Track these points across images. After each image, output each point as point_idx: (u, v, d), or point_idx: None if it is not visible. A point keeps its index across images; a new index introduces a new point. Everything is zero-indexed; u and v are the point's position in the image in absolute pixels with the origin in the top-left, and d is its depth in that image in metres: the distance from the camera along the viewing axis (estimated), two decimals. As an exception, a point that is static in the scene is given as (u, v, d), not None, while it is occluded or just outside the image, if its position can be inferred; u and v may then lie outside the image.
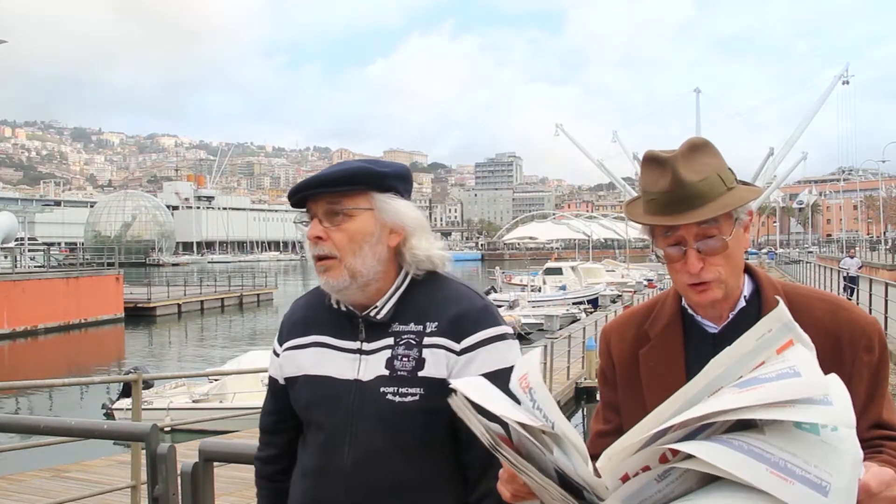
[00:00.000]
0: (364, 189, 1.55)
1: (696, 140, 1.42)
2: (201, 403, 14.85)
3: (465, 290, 1.60)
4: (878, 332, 1.38)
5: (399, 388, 1.50)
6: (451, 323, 1.53)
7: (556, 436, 1.08)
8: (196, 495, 2.41)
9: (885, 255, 39.73)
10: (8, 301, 29.11)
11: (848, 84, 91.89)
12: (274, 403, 1.73)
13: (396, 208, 1.56)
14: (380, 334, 1.56)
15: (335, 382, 1.56)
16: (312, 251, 1.55)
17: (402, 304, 1.57)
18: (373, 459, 1.51)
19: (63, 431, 3.53)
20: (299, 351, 1.63)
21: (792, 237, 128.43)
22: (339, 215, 1.53)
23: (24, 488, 6.69)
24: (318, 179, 1.55)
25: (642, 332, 1.52)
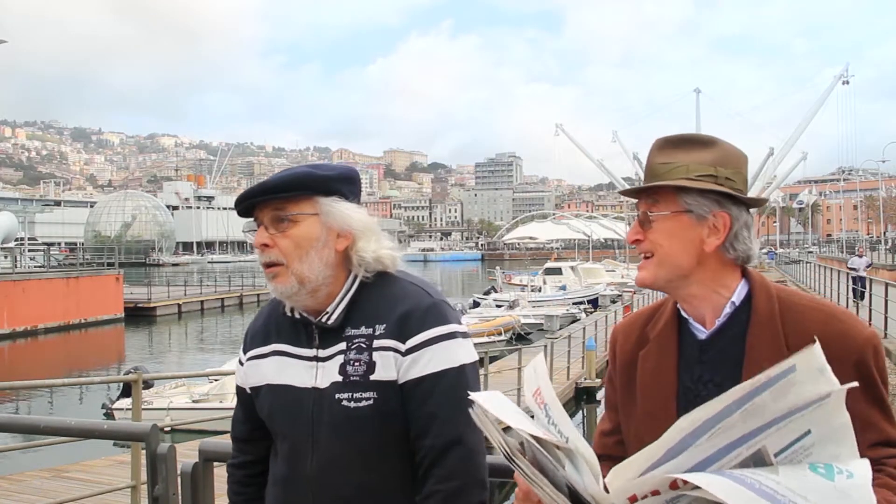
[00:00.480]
0: (309, 194, 1.54)
1: (694, 135, 1.45)
2: (201, 403, 14.83)
3: (412, 289, 1.57)
4: (873, 346, 1.32)
5: (353, 393, 1.50)
6: (397, 323, 1.51)
7: (570, 451, 1.08)
8: (196, 495, 2.41)
9: (886, 255, 39.73)
10: (8, 301, 29.10)
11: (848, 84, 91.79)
12: (244, 412, 1.73)
13: (342, 212, 1.55)
14: (333, 340, 1.55)
15: (294, 391, 1.56)
16: (260, 259, 1.55)
17: (352, 308, 1.56)
18: (335, 466, 1.51)
19: (63, 431, 3.52)
20: (261, 360, 1.64)
21: (792, 237, 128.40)
22: (284, 221, 1.53)
23: (25, 488, 6.69)
24: (262, 187, 1.55)
25: (644, 334, 1.52)
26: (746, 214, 1.42)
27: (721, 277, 1.41)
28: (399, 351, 1.50)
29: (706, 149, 1.42)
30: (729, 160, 1.42)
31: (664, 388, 1.42)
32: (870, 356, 1.31)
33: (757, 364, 1.31)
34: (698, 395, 1.39)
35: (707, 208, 1.38)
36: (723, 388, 1.34)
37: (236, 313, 42.29)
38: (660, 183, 1.40)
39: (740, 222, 1.40)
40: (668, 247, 1.40)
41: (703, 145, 1.43)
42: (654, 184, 1.41)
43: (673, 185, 1.39)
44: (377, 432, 1.50)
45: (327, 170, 1.59)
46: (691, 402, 1.37)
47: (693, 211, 1.38)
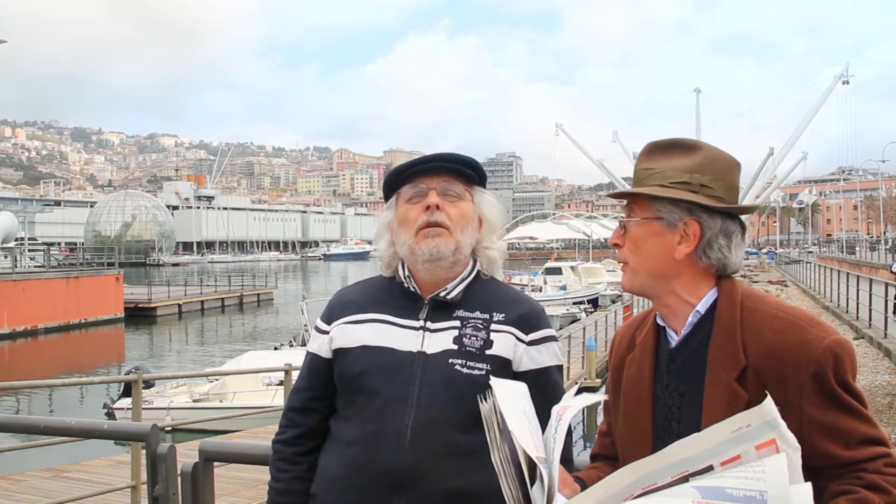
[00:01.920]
0: (474, 180, 1.74)
1: (680, 140, 1.45)
2: (201, 403, 14.84)
3: (524, 294, 1.82)
4: (833, 356, 1.26)
5: (468, 361, 1.60)
6: (519, 317, 1.67)
7: (543, 474, 1.11)
8: (196, 495, 2.41)
9: (885, 255, 39.69)
10: (8, 301, 29.08)
11: (848, 84, 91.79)
12: (310, 380, 1.74)
13: (490, 202, 1.75)
14: (444, 316, 1.66)
15: (396, 353, 1.63)
16: (425, 217, 1.65)
17: (467, 293, 1.69)
18: (433, 424, 1.56)
19: (63, 431, 3.53)
20: (355, 325, 1.69)
21: (792, 237, 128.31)
22: (452, 195, 1.69)
23: (24, 488, 6.69)
24: (447, 156, 1.71)
25: (633, 338, 1.54)
26: (725, 222, 1.38)
27: (694, 286, 1.40)
28: (521, 339, 1.65)
29: (688, 155, 1.41)
30: (710, 167, 1.39)
31: (641, 394, 1.44)
32: (829, 367, 1.25)
33: (716, 374, 1.31)
34: (666, 403, 1.39)
35: (677, 216, 1.38)
36: (685, 398, 1.37)
37: (236, 313, 42.27)
38: (631, 190, 1.43)
39: (713, 230, 1.37)
40: (640, 254, 1.41)
41: (686, 151, 1.42)
42: (625, 191, 1.45)
43: (646, 193, 1.40)
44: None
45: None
46: (661, 411, 1.40)
47: (664, 218, 1.38)
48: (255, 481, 6.81)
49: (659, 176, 1.40)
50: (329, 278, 78.90)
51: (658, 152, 1.43)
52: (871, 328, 15.63)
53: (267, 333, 33.37)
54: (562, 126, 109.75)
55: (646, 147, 1.46)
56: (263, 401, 13.32)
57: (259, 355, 17.22)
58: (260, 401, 13.44)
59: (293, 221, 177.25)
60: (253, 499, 6.45)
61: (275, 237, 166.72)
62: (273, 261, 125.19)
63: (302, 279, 76.89)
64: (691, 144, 1.43)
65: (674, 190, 1.38)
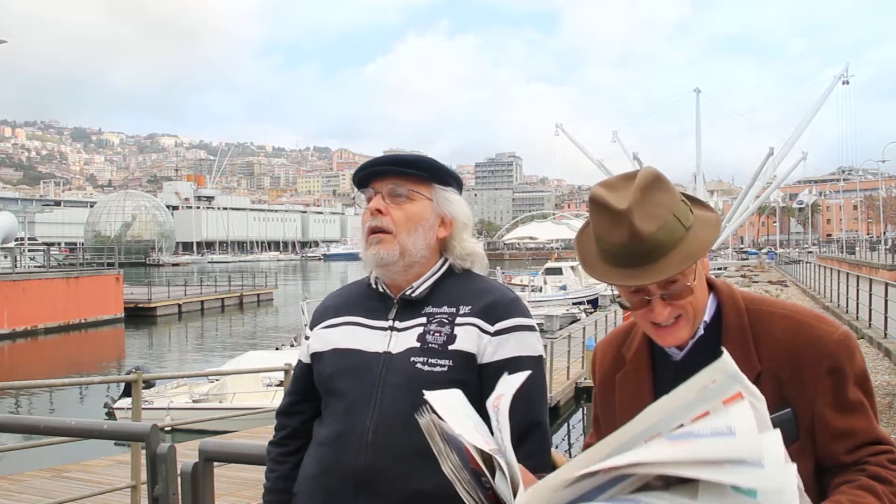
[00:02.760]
0: (427, 179, 1.68)
1: (647, 177, 1.31)
2: (201, 403, 14.86)
3: (496, 284, 1.75)
4: (846, 349, 1.29)
5: (429, 358, 1.58)
6: (485, 308, 1.62)
7: (501, 464, 1.10)
8: (196, 495, 2.41)
9: (885, 255, 39.69)
10: (8, 301, 29.10)
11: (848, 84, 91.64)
12: (294, 385, 1.79)
13: (451, 201, 1.70)
14: (412, 314, 1.65)
15: (363, 354, 1.63)
16: (369, 223, 1.66)
17: (436, 289, 1.67)
18: (395, 425, 1.54)
19: (63, 431, 3.52)
20: (330, 329, 1.71)
21: (792, 237, 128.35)
22: (401, 196, 1.66)
23: (25, 488, 6.69)
24: (393, 158, 1.68)
25: (620, 354, 1.52)
26: None
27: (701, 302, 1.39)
28: (486, 331, 1.59)
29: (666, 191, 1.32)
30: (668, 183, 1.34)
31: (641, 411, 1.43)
32: (843, 360, 1.28)
33: None
34: None
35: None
36: None
37: (236, 313, 42.28)
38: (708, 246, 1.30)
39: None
40: (696, 301, 1.35)
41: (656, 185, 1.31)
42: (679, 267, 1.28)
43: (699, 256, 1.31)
44: None
45: (443, 164, 1.74)
46: None
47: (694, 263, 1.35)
48: (255, 481, 6.81)
49: (676, 225, 1.30)
50: (329, 278, 78.89)
51: (643, 204, 1.28)
52: (871, 328, 15.63)
53: (267, 334, 33.39)
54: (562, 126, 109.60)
55: (630, 207, 1.27)
56: (263, 401, 13.32)
57: (259, 355, 17.24)
58: (260, 401, 13.44)
59: (293, 221, 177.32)
60: (253, 499, 6.45)
61: (275, 237, 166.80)
62: (273, 261, 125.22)
63: (302, 279, 76.89)
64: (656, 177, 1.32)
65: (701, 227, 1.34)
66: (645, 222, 1.27)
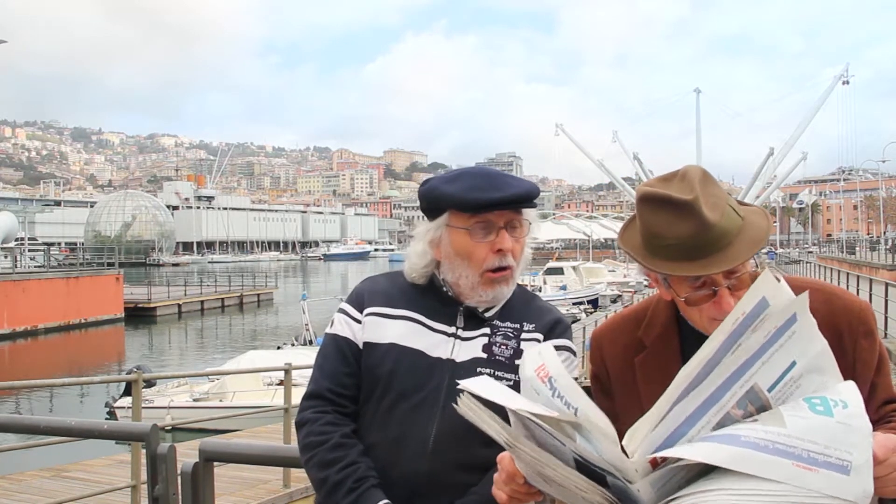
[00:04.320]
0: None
1: (699, 171, 1.33)
2: (202, 403, 14.86)
3: (555, 306, 1.82)
4: (871, 315, 1.40)
5: (496, 370, 1.56)
6: (548, 325, 1.66)
7: (578, 424, 1.09)
8: (196, 495, 2.41)
9: (885, 255, 39.69)
10: (8, 301, 29.09)
11: (848, 84, 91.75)
12: (347, 366, 1.62)
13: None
14: (477, 325, 1.62)
15: (426, 357, 1.58)
16: (497, 262, 1.57)
17: (503, 306, 1.67)
18: (457, 434, 1.50)
19: (63, 431, 3.52)
20: (386, 320, 1.62)
21: (792, 237, 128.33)
22: (518, 228, 1.61)
23: (25, 488, 6.69)
24: (524, 195, 1.58)
25: (636, 338, 1.50)
26: None
27: None
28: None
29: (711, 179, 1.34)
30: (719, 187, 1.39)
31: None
32: (872, 325, 1.38)
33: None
34: None
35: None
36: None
37: (236, 313, 42.28)
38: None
39: None
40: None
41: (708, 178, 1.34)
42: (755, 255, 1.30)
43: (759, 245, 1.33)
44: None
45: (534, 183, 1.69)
46: None
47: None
48: (256, 481, 6.81)
49: (733, 214, 1.31)
50: (329, 278, 78.91)
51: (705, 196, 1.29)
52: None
53: (267, 333, 33.39)
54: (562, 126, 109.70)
55: (696, 197, 1.28)
56: (263, 400, 13.33)
57: (259, 355, 17.23)
58: (260, 400, 13.45)
59: (293, 221, 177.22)
60: (253, 498, 6.45)
61: (275, 237, 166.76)
62: (273, 261, 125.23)
63: (302, 279, 76.86)
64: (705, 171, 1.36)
65: (754, 216, 1.37)
66: (711, 211, 1.27)
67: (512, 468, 1.20)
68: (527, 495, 1.23)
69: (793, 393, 1.07)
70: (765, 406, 1.06)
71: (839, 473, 0.97)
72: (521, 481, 1.20)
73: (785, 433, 0.99)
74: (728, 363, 1.06)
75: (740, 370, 1.07)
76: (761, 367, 1.07)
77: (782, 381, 1.07)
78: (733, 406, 1.06)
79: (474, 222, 1.57)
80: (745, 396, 1.06)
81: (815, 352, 1.09)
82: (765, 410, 1.06)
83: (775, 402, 1.06)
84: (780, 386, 1.07)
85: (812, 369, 1.08)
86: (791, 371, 1.07)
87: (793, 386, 1.07)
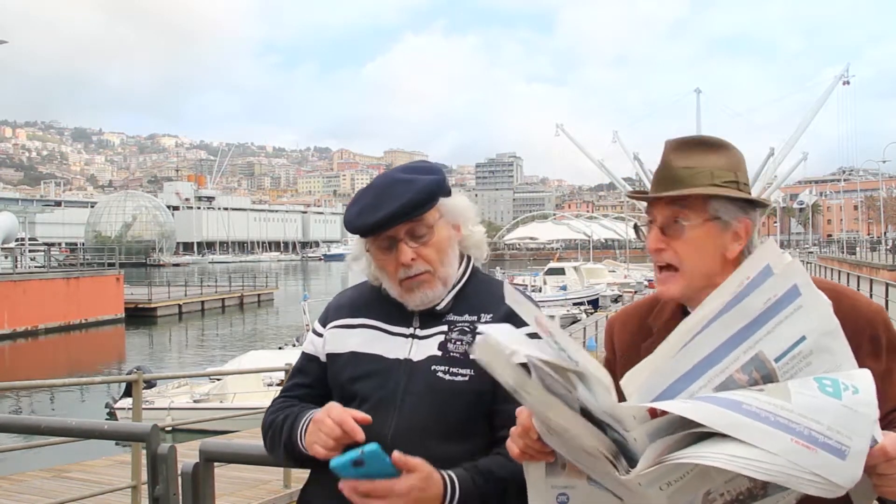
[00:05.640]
0: (436, 203, 1.61)
1: (706, 137, 1.43)
2: (202, 403, 14.86)
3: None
4: (882, 319, 1.37)
5: (450, 367, 1.57)
6: (507, 314, 1.58)
7: (581, 374, 1.10)
8: (196, 495, 2.41)
9: (886, 256, 39.68)
10: (8, 301, 29.10)
11: (848, 84, 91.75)
12: (301, 377, 1.73)
13: (455, 205, 1.65)
14: (434, 322, 1.63)
15: (383, 360, 1.61)
16: (404, 273, 1.59)
17: (458, 297, 1.66)
18: (414, 433, 1.54)
19: (63, 432, 3.53)
20: (346, 330, 1.68)
21: (792, 237, 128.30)
22: (422, 235, 1.59)
23: (25, 488, 6.70)
24: (401, 210, 1.55)
25: (645, 325, 1.54)
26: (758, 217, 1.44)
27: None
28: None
29: (723, 153, 1.42)
30: (741, 164, 1.43)
31: None
32: (880, 328, 1.36)
33: None
34: None
35: (733, 215, 1.39)
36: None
37: (237, 313, 42.29)
38: (695, 190, 1.37)
39: (756, 226, 1.42)
40: (696, 258, 1.39)
41: (719, 149, 1.42)
42: (689, 191, 1.37)
43: (702, 193, 1.37)
44: (466, 407, 1.55)
45: (437, 171, 1.65)
46: None
47: (721, 218, 1.38)
48: (256, 481, 6.82)
49: (707, 175, 1.38)
50: (329, 278, 78.93)
51: (694, 150, 1.41)
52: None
53: (267, 334, 33.40)
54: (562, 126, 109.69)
55: (673, 143, 1.44)
56: (264, 401, 13.30)
57: (259, 355, 17.25)
58: (260, 401, 13.43)
59: (294, 222, 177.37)
60: (253, 499, 6.46)
61: (275, 237, 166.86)
62: (273, 261, 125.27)
63: (302, 279, 76.88)
64: (722, 143, 1.44)
65: (729, 189, 1.39)
66: (678, 158, 1.40)
67: (528, 422, 1.23)
68: (539, 453, 1.24)
69: (802, 369, 1.07)
70: (771, 376, 1.06)
71: (835, 457, 0.97)
72: (534, 436, 1.22)
73: (789, 407, 0.99)
74: (728, 323, 1.07)
75: (742, 334, 1.07)
76: (766, 336, 1.07)
77: (789, 353, 1.07)
78: (737, 370, 1.06)
79: (375, 241, 1.61)
80: (749, 362, 1.06)
81: (825, 330, 1.09)
82: (771, 381, 1.06)
83: (782, 374, 1.06)
84: (786, 358, 1.07)
85: (823, 349, 1.08)
86: (800, 345, 1.07)
87: (802, 362, 1.07)
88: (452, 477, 1.43)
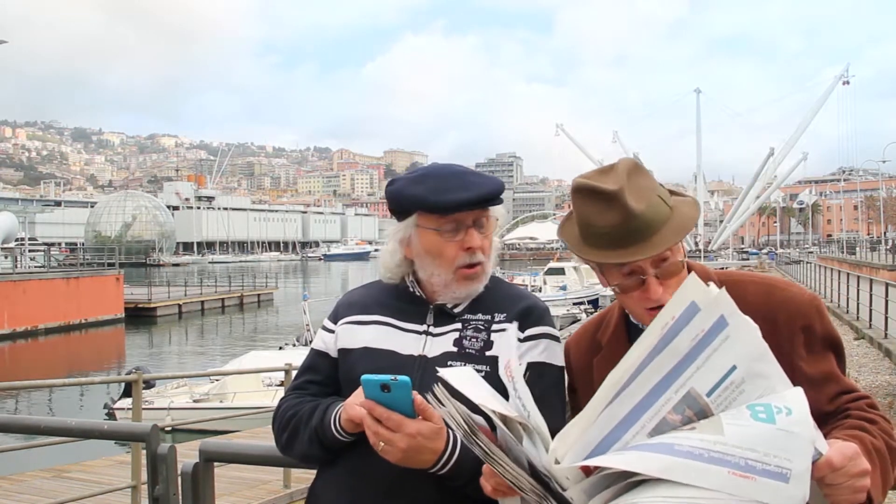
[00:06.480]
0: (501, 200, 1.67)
1: (629, 163, 1.39)
2: (202, 403, 14.85)
3: (529, 292, 1.81)
4: (816, 307, 1.39)
5: (467, 363, 1.56)
6: (519, 313, 1.64)
7: (527, 426, 1.12)
8: (196, 495, 2.41)
9: (886, 256, 39.69)
10: (8, 301, 29.09)
11: (848, 84, 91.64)
12: (315, 375, 1.71)
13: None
14: (448, 320, 1.64)
15: (397, 356, 1.61)
16: (467, 259, 1.60)
17: (473, 298, 1.66)
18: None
19: (63, 432, 3.53)
20: (359, 326, 1.68)
21: (792, 237, 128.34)
22: (485, 225, 1.63)
23: (25, 488, 6.69)
24: (489, 194, 1.60)
25: (595, 341, 1.57)
26: None
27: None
28: (517, 337, 1.60)
29: (641, 171, 1.39)
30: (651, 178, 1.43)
31: None
32: (814, 318, 1.37)
33: None
34: None
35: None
36: None
37: (237, 313, 42.27)
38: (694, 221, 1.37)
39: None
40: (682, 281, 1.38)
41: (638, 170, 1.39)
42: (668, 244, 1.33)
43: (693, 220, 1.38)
44: None
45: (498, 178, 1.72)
46: None
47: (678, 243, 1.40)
48: (256, 481, 6.82)
49: (661, 204, 1.36)
50: (329, 279, 78.94)
51: (632, 186, 1.34)
52: (872, 328, 15.61)
53: (267, 334, 33.38)
54: (562, 126, 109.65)
55: (622, 187, 1.33)
56: (264, 401, 13.32)
57: (260, 355, 17.24)
58: (260, 401, 13.44)
59: (293, 222, 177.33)
60: (253, 499, 6.46)
61: (275, 237, 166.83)
62: (273, 261, 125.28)
63: (302, 279, 76.86)
64: (636, 163, 1.40)
65: (683, 205, 1.40)
66: (635, 201, 1.32)
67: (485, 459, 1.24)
68: (509, 490, 1.24)
69: (736, 398, 1.05)
70: (704, 411, 1.04)
71: (777, 481, 0.96)
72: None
73: (723, 440, 0.98)
74: (657, 367, 1.05)
75: (672, 374, 1.05)
76: (696, 372, 1.05)
77: (721, 385, 1.05)
78: (669, 411, 1.04)
79: (443, 223, 1.59)
80: (682, 401, 1.04)
81: (755, 355, 1.07)
82: (705, 416, 1.04)
83: (716, 407, 1.05)
84: (719, 391, 1.05)
85: (755, 374, 1.06)
86: (731, 375, 1.05)
87: (735, 391, 1.05)
88: (458, 441, 1.43)
